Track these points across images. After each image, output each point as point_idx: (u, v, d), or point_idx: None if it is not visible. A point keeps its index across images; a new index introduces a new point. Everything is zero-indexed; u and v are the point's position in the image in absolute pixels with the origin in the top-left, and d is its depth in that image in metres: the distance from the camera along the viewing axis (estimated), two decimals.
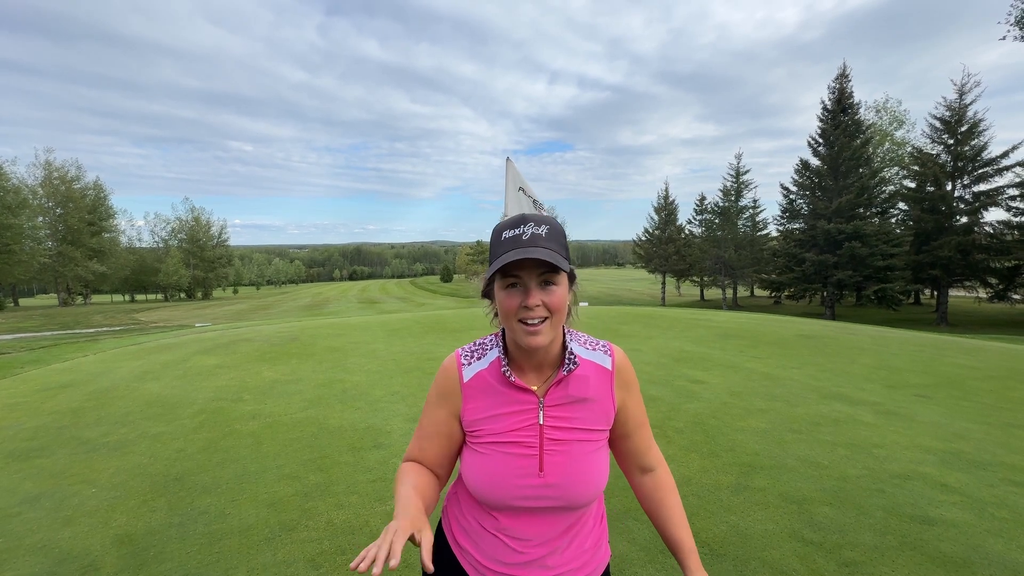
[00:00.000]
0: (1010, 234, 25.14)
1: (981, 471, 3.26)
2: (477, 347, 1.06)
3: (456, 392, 1.01)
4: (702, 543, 2.48)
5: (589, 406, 1.00)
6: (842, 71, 30.53)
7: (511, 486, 0.95)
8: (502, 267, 0.90)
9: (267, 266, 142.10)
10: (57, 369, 7.25)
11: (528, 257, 0.87)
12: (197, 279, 59.52)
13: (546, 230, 0.92)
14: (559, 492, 0.95)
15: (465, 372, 1.02)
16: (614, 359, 1.04)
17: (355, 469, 3.43)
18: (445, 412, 1.03)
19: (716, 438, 3.89)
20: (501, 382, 0.99)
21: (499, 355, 1.01)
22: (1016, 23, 19.32)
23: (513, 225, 0.93)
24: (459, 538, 1.04)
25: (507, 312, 0.92)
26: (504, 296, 0.92)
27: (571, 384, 0.99)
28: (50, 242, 42.17)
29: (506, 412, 0.98)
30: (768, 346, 7.90)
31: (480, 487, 0.97)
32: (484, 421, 0.99)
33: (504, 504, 0.96)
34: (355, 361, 7.00)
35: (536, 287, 0.90)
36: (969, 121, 26.10)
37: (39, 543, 2.58)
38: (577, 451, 0.97)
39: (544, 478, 0.95)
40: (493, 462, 0.96)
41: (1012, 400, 4.95)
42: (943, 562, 2.29)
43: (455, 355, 1.05)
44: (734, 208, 37.60)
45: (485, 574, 0.98)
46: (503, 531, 0.98)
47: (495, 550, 0.98)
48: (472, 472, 0.99)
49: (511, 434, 0.97)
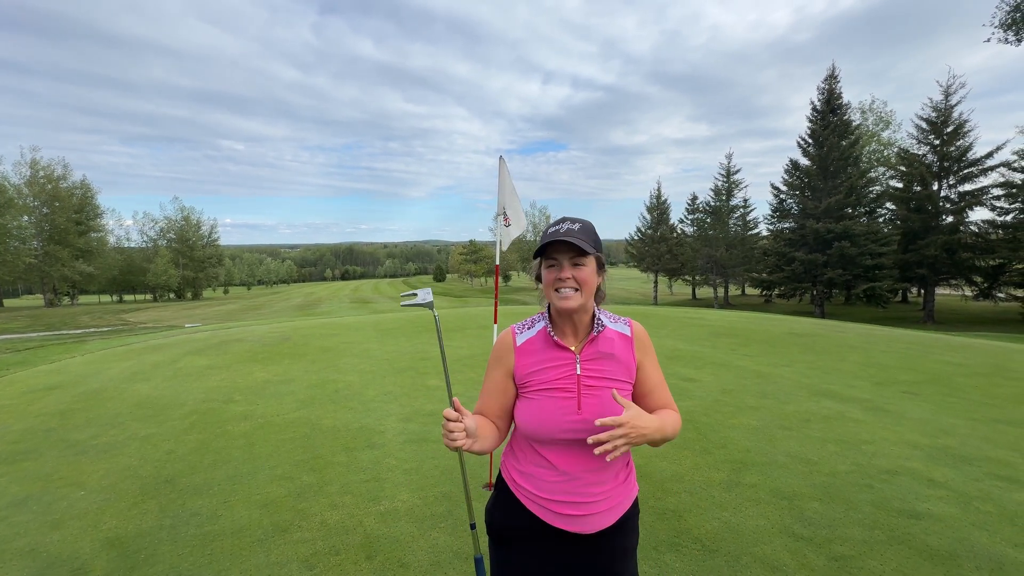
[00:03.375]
0: (994, 233, 25.57)
1: (967, 466, 3.32)
2: (528, 322, 1.35)
3: (510, 354, 1.30)
4: (695, 539, 2.50)
5: (615, 362, 1.26)
6: (831, 72, 30.83)
7: (557, 421, 1.20)
8: (544, 251, 1.23)
9: (258, 266, 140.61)
10: (44, 371, 7.14)
11: (559, 240, 1.19)
12: (187, 279, 58.76)
13: (579, 227, 1.23)
14: (594, 427, 1.15)
15: (518, 338, 1.31)
16: (633, 328, 1.33)
17: (348, 469, 3.41)
18: (502, 372, 1.30)
19: (708, 435, 3.93)
20: (546, 343, 1.28)
21: (546, 324, 1.30)
22: (1000, 25, 19.62)
23: (556, 224, 1.25)
24: (518, 480, 1.28)
25: (547, 283, 1.24)
26: (546, 272, 1.25)
27: (600, 343, 1.26)
28: (36, 242, 41.44)
29: (550, 366, 1.25)
30: (759, 344, 7.97)
31: (531, 425, 1.23)
32: (533, 374, 1.25)
33: (551, 437, 1.21)
34: (348, 361, 6.97)
35: (568, 265, 1.21)
36: (955, 122, 26.47)
37: (27, 547, 2.54)
38: (608, 395, 1.22)
39: (582, 414, 1.20)
40: (541, 405, 1.22)
41: (997, 396, 5.04)
42: (930, 555, 2.33)
43: (510, 328, 1.34)
44: (725, 208, 37.87)
45: (542, 504, 1.23)
46: (552, 467, 1.22)
47: (547, 483, 1.22)
48: (525, 415, 1.25)
49: (555, 382, 1.23)
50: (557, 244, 1.20)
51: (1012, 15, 19.07)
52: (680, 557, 2.36)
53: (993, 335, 14.10)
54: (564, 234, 1.19)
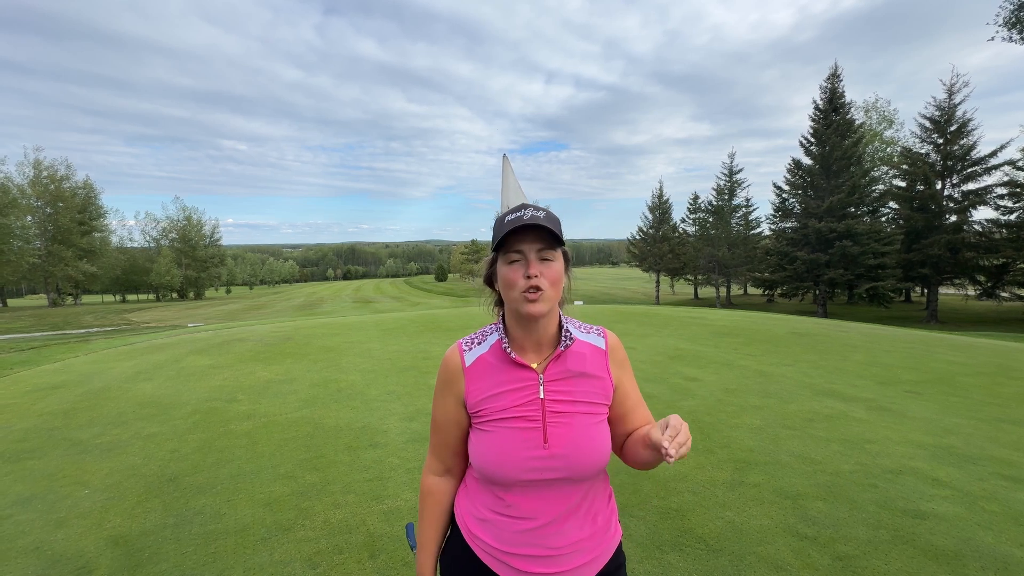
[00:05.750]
0: (998, 232, 25.49)
1: (971, 465, 3.30)
2: (477, 335, 1.11)
3: (459, 377, 1.06)
4: (698, 538, 2.50)
5: (588, 381, 1.04)
6: (834, 71, 30.77)
7: (518, 459, 0.97)
8: (505, 245, 0.98)
9: (260, 266, 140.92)
10: (48, 370, 7.16)
11: (528, 224, 0.95)
12: (189, 279, 58.94)
13: (543, 214, 0.99)
14: (564, 463, 0.98)
15: (467, 357, 1.07)
16: (607, 340, 1.10)
17: (351, 468, 3.42)
18: (452, 399, 1.07)
19: (711, 435, 3.92)
20: (502, 361, 1.04)
21: (499, 338, 1.06)
22: (1004, 24, 19.57)
23: (514, 211, 1.00)
24: (472, 527, 1.06)
25: (510, 283, 0.98)
26: (507, 270, 0.99)
27: (568, 359, 1.04)
28: (39, 242, 41.59)
29: (508, 390, 1.02)
30: (761, 344, 7.95)
31: (488, 465, 1.00)
32: (487, 400, 1.02)
33: (512, 479, 0.98)
34: (350, 360, 6.97)
35: (535, 260, 0.98)
36: (958, 121, 26.39)
37: (32, 545, 2.55)
38: (579, 423, 1.00)
39: (549, 449, 0.97)
40: (499, 438, 1.00)
41: (1001, 396, 5.02)
42: (935, 555, 2.32)
43: (456, 344, 1.10)
44: (727, 207, 37.80)
45: (500, 558, 1.00)
46: (513, 510, 1.00)
47: (507, 533, 1.00)
48: (479, 451, 1.02)
49: (514, 409, 1.00)
50: (522, 233, 0.96)
51: (1016, 13, 18.99)
52: (684, 557, 2.36)
53: (997, 335, 14.05)
54: (530, 220, 0.95)
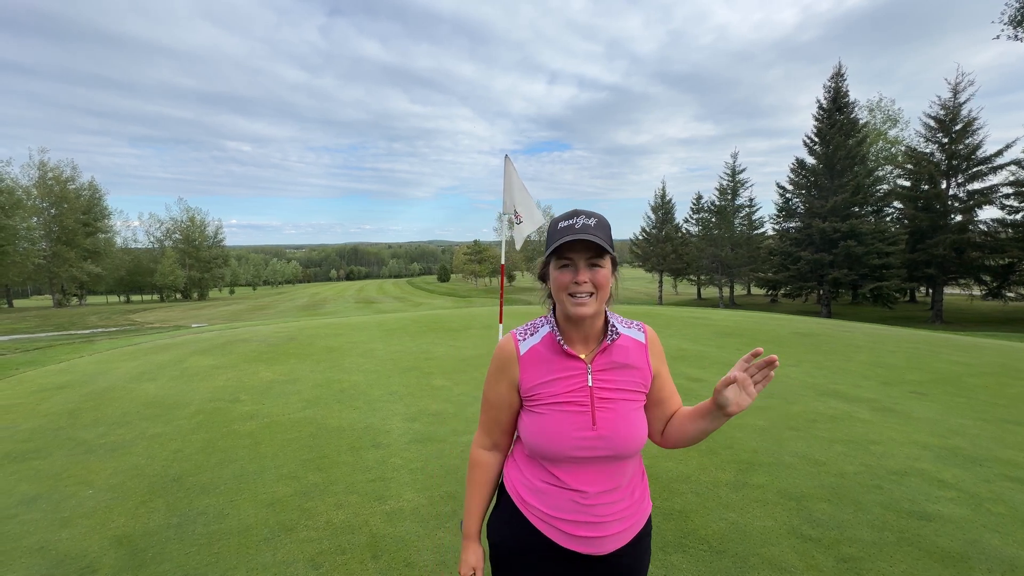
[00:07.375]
0: (1004, 232, 25.29)
1: (977, 467, 3.28)
2: (529, 327, 1.22)
3: (513, 364, 1.18)
4: (702, 540, 2.49)
5: (630, 372, 1.16)
6: (838, 70, 30.63)
7: (569, 438, 1.10)
8: (557, 250, 1.09)
9: (264, 266, 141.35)
10: (53, 370, 7.20)
11: (578, 239, 1.06)
12: (193, 280, 59.15)
13: (594, 222, 1.10)
14: (609, 443, 1.10)
15: (521, 347, 1.18)
16: (647, 334, 1.22)
17: (354, 469, 3.42)
18: (505, 383, 1.19)
19: (714, 435, 3.90)
20: (554, 352, 1.16)
21: (551, 330, 1.18)
22: (1010, 22, 19.45)
23: (567, 217, 1.11)
24: (524, 494, 1.17)
25: (560, 287, 1.11)
26: (558, 274, 1.11)
27: (614, 352, 1.16)
28: (44, 243, 41.81)
29: (560, 377, 1.14)
30: (765, 344, 7.92)
31: (540, 443, 1.13)
32: (540, 387, 1.14)
33: (563, 455, 1.11)
34: (353, 361, 6.99)
35: (584, 267, 1.09)
36: (963, 120, 26.20)
37: (36, 544, 2.56)
38: (623, 408, 1.13)
39: (597, 431, 1.10)
40: (552, 420, 1.12)
41: (1007, 396, 4.99)
42: (940, 557, 2.30)
43: (511, 334, 1.22)
44: (730, 207, 37.70)
45: (550, 522, 1.13)
46: (563, 483, 1.12)
47: (557, 501, 1.13)
48: (532, 431, 1.15)
49: (565, 395, 1.12)
50: (573, 243, 1.07)
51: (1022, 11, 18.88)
52: (687, 558, 2.35)
53: (1002, 335, 13.95)
54: (581, 231, 1.06)
